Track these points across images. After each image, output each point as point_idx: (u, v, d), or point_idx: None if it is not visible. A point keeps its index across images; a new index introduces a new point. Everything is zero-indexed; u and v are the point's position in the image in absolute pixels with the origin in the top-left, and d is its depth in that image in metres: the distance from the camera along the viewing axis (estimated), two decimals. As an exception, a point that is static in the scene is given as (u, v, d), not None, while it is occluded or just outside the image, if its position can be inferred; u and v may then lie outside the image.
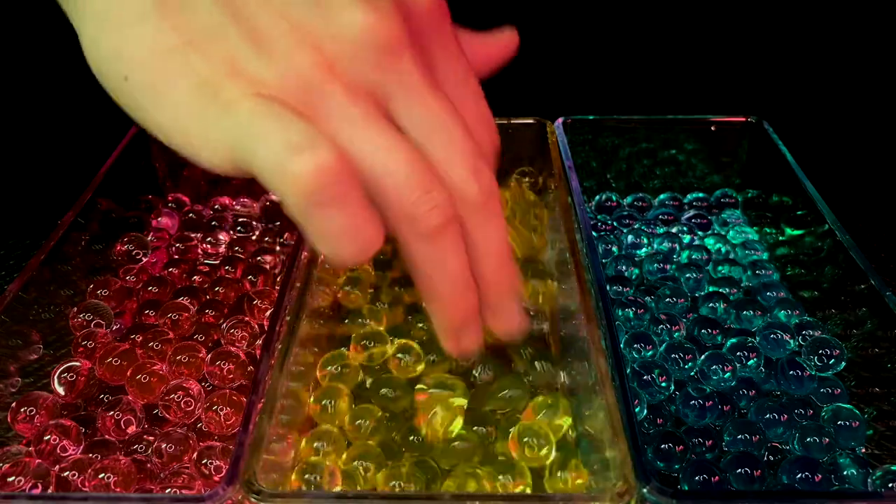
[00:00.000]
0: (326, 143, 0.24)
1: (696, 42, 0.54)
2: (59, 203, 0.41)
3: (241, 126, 0.24)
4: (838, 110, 0.55)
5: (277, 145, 0.24)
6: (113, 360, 0.36)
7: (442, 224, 0.26)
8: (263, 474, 0.27)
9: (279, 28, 0.25)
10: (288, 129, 0.24)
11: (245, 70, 0.25)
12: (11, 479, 0.31)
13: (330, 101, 0.25)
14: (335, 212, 0.24)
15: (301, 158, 0.23)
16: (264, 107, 0.24)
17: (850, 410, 0.34)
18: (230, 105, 0.24)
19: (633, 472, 0.27)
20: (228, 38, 0.25)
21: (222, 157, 0.25)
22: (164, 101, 0.25)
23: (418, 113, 0.26)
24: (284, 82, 0.25)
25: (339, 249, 0.25)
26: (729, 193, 0.48)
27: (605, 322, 0.33)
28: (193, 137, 0.25)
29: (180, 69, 0.25)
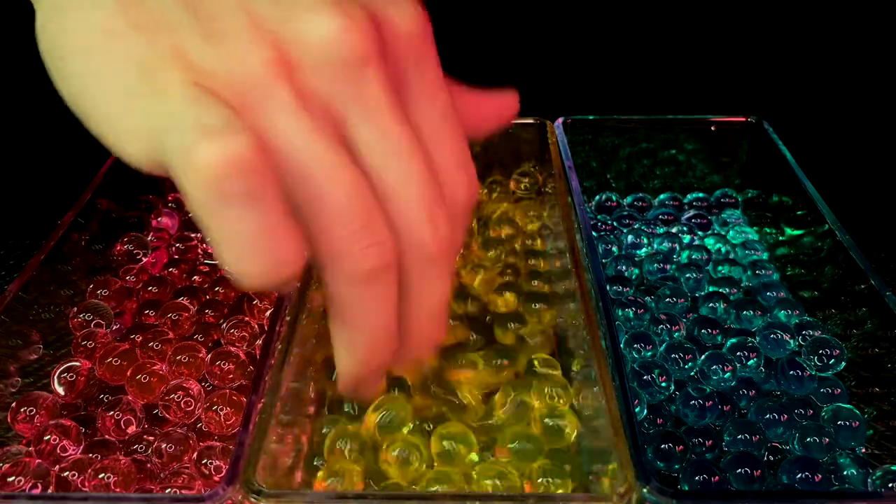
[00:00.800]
0: (245, 133, 0.21)
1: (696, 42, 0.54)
2: (59, 203, 0.41)
3: (164, 113, 0.21)
4: (838, 110, 0.55)
5: (189, 129, 0.21)
6: (113, 360, 0.36)
7: (380, 266, 0.23)
8: (263, 474, 0.27)
9: (237, 21, 0.22)
10: (205, 113, 0.21)
11: (189, 59, 0.22)
12: (11, 479, 0.31)
13: (273, 105, 0.22)
14: (242, 211, 0.20)
15: (210, 143, 0.20)
16: (194, 92, 0.21)
17: (850, 410, 0.34)
18: (161, 92, 0.22)
19: (633, 472, 0.27)
20: (180, 25, 0.23)
21: (141, 148, 0.22)
22: (97, 86, 0.23)
23: (374, 139, 0.23)
24: (229, 77, 0.22)
25: (244, 260, 0.21)
26: (729, 193, 0.48)
27: (605, 322, 0.33)
28: (118, 124, 0.23)
29: (119, 53, 0.22)
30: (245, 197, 0.20)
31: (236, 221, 0.21)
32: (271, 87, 0.22)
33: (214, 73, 0.22)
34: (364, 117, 0.23)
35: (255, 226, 0.21)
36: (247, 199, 0.20)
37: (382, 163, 0.23)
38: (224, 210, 0.20)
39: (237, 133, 0.20)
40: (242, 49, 0.22)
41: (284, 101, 0.22)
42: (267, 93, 0.22)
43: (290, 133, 0.22)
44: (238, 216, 0.20)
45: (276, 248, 0.21)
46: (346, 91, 0.23)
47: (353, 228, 0.22)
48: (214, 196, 0.20)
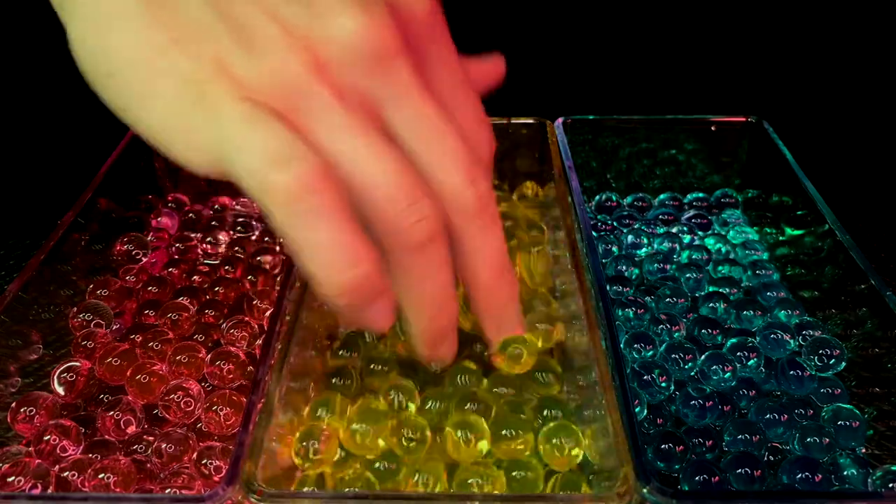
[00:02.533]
0: (309, 154, 0.23)
1: (696, 42, 0.54)
2: (59, 203, 0.41)
3: (225, 131, 0.24)
4: (838, 110, 0.55)
5: (258, 155, 0.23)
6: (113, 360, 0.36)
7: (428, 236, 0.26)
8: (263, 474, 0.27)
9: (270, 29, 0.24)
10: (270, 138, 0.23)
11: (232, 70, 0.24)
12: (11, 480, 0.31)
13: (317, 106, 0.24)
14: (318, 223, 0.23)
15: (281, 170, 0.23)
16: (248, 113, 0.24)
17: (850, 410, 0.34)
18: (215, 108, 0.24)
19: (633, 473, 0.27)
20: (217, 38, 0.24)
21: (205, 161, 0.25)
22: (148, 101, 0.25)
23: (411, 119, 0.26)
24: (272, 84, 0.24)
25: (326, 264, 0.24)
26: (729, 193, 0.48)
27: (606, 322, 0.33)
28: (177, 139, 0.25)
29: (166, 68, 0.24)
30: (317, 211, 0.23)
31: (312, 232, 0.23)
32: (312, 89, 0.24)
33: (258, 82, 0.24)
34: (399, 103, 0.26)
35: (329, 234, 0.24)
36: (319, 213, 0.23)
37: (421, 141, 0.26)
38: (300, 224, 0.23)
39: (303, 157, 0.23)
40: (279, 56, 0.24)
41: (327, 105, 0.24)
42: (310, 97, 0.24)
43: (335, 131, 0.24)
44: (313, 228, 0.23)
45: (350, 247, 0.24)
46: (379, 82, 0.25)
47: (401, 208, 0.25)
48: (291, 214, 0.23)
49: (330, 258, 0.24)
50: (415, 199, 0.25)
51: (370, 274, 0.25)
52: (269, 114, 0.24)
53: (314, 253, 0.24)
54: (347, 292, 0.25)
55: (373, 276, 0.25)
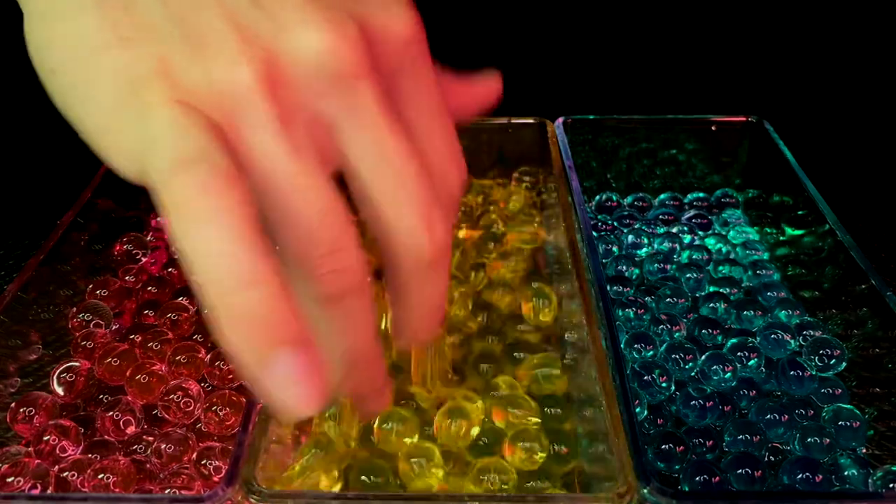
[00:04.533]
0: (218, 158, 0.21)
1: (696, 42, 0.54)
2: (58, 203, 0.41)
3: (147, 133, 0.22)
4: (838, 110, 0.55)
5: (167, 155, 0.21)
6: (112, 360, 0.36)
7: (341, 291, 0.23)
8: (263, 474, 0.27)
9: (225, 35, 0.22)
10: (183, 139, 0.21)
11: (176, 73, 0.22)
12: (11, 480, 0.31)
13: (257, 122, 0.22)
14: (210, 230, 0.20)
15: (184, 170, 0.20)
16: (175, 114, 0.21)
17: (850, 411, 0.34)
18: (145, 110, 0.22)
19: (633, 473, 0.27)
20: (167, 39, 0.22)
21: (131, 166, 0.23)
22: (87, 99, 0.23)
23: (367, 149, 0.24)
24: (213, 92, 0.22)
25: (214, 278, 0.21)
26: (729, 193, 0.48)
27: (606, 322, 0.33)
28: (109, 140, 0.23)
29: (107, 66, 0.23)
30: (213, 217, 0.20)
31: (203, 240, 0.20)
32: (254, 102, 0.22)
33: (199, 88, 0.22)
34: (356, 129, 0.23)
35: (221, 243, 0.20)
36: (214, 218, 0.20)
37: (375, 172, 0.24)
38: (192, 230, 0.21)
39: (209, 162, 0.21)
40: (228, 63, 0.22)
41: (266, 118, 0.22)
42: (250, 109, 0.22)
43: (267, 152, 0.22)
44: (205, 234, 0.20)
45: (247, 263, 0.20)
46: (337, 104, 0.23)
47: (320, 253, 0.22)
48: (184, 218, 0.21)
49: (221, 271, 0.20)
50: (336, 246, 0.23)
51: (271, 300, 0.21)
52: (196, 117, 0.22)
53: (204, 266, 0.20)
54: (243, 320, 0.20)
55: (276, 306, 0.21)
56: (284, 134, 0.22)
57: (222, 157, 0.21)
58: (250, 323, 0.20)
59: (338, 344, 0.25)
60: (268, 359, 0.20)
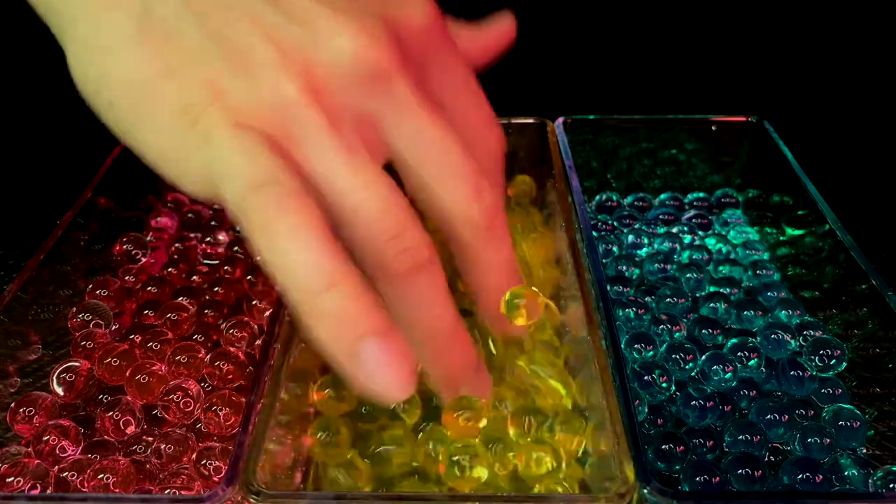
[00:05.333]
0: (286, 177, 0.23)
1: (696, 42, 0.54)
2: (58, 203, 0.41)
3: (214, 158, 0.24)
4: (838, 110, 0.55)
5: (239, 180, 0.23)
6: (112, 360, 0.36)
7: (412, 268, 0.25)
8: (263, 475, 0.27)
9: (265, 51, 0.24)
10: (251, 163, 0.23)
11: (226, 95, 0.24)
12: (10, 480, 0.31)
13: (310, 131, 0.24)
14: (291, 244, 0.22)
15: (257, 193, 0.23)
16: (237, 139, 0.23)
17: (851, 411, 0.34)
18: (206, 135, 0.24)
19: (633, 473, 0.27)
20: (211, 62, 0.24)
21: (199, 188, 0.25)
22: (146, 128, 0.25)
23: (411, 137, 0.26)
24: (265, 109, 0.24)
25: (302, 285, 0.23)
26: (729, 193, 0.48)
27: (606, 322, 0.33)
28: (174, 165, 0.25)
29: (162, 95, 0.24)
30: (292, 232, 0.22)
31: (286, 254, 0.22)
32: (303, 113, 0.24)
33: (251, 107, 0.24)
34: (398, 119, 0.25)
35: (302, 254, 0.22)
36: (294, 234, 0.22)
37: (423, 158, 0.26)
38: (275, 247, 0.23)
39: (279, 182, 0.23)
40: (273, 80, 0.24)
41: (317, 126, 0.24)
42: (302, 120, 0.24)
43: (323, 157, 0.24)
44: (287, 249, 0.22)
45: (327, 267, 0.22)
46: (377, 101, 0.25)
47: (386, 238, 0.24)
48: (266, 237, 0.23)
49: (304, 278, 0.22)
50: (399, 230, 0.24)
51: (352, 297, 0.23)
52: (257, 139, 0.23)
53: (288, 275, 0.23)
54: (329, 318, 0.22)
55: (357, 302, 0.23)
56: (336, 137, 0.24)
57: (290, 176, 0.23)
58: (337, 319, 0.22)
59: (419, 323, 0.26)
60: (356, 349, 0.22)
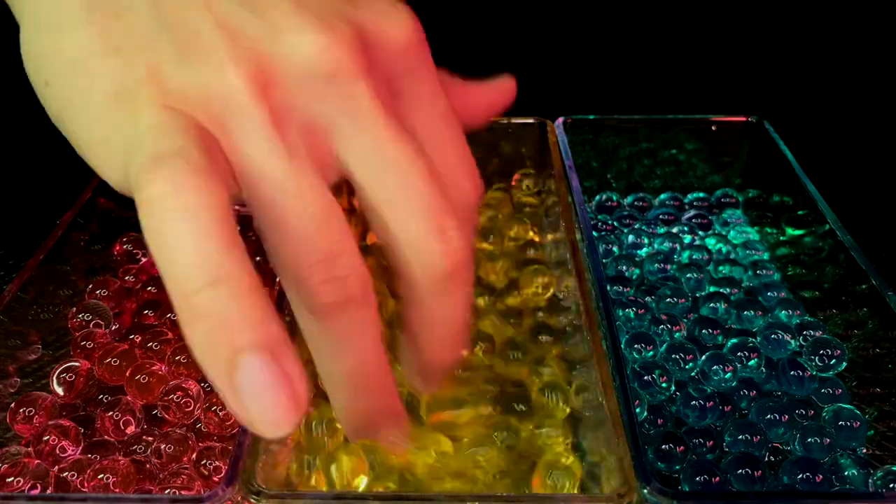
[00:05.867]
0: (192, 156, 0.20)
1: (696, 42, 0.54)
2: (58, 203, 0.41)
3: (133, 136, 0.21)
4: (839, 110, 0.55)
5: (144, 155, 0.20)
6: (112, 360, 0.36)
7: (340, 301, 0.21)
8: (263, 475, 0.27)
9: (217, 39, 0.22)
10: (162, 140, 0.20)
11: (165, 78, 0.22)
12: (10, 480, 0.31)
13: (248, 125, 0.21)
14: (179, 226, 0.19)
15: (157, 167, 0.20)
16: (161, 119, 0.21)
17: (851, 411, 0.34)
18: (134, 115, 0.21)
19: (633, 473, 0.27)
20: (158, 45, 0.22)
21: (118, 175, 0.22)
22: (78, 109, 0.23)
23: (368, 151, 0.22)
24: (203, 95, 0.21)
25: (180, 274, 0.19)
26: (730, 193, 0.48)
27: (606, 322, 0.33)
28: (98, 148, 0.23)
29: (100, 76, 0.22)
30: (183, 213, 0.19)
31: (172, 236, 0.19)
32: (244, 105, 0.21)
33: (188, 92, 0.21)
34: (355, 130, 0.22)
35: (188, 239, 0.19)
36: (185, 215, 0.19)
37: (378, 175, 0.22)
38: (161, 227, 0.20)
39: (183, 158, 0.20)
40: (217, 67, 0.21)
41: (257, 121, 0.21)
42: (241, 112, 0.21)
43: (258, 155, 0.21)
44: (174, 231, 0.19)
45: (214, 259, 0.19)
46: (333, 106, 0.22)
47: (315, 259, 0.21)
48: (155, 215, 0.20)
49: (184, 268, 0.19)
50: (331, 253, 0.21)
51: (237, 298, 0.19)
52: (181, 121, 0.21)
53: (168, 262, 0.19)
54: (206, 321, 0.19)
55: (242, 306, 0.19)
56: (276, 137, 0.21)
57: (199, 154, 0.20)
58: (215, 323, 0.19)
59: (340, 363, 0.23)
60: (234, 364, 0.19)
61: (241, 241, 0.20)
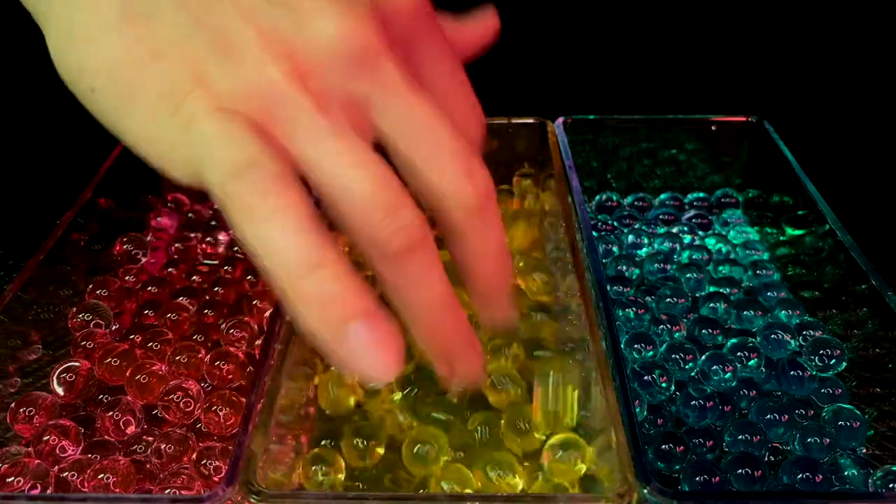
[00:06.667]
0: (269, 161, 0.23)
1: (696, 42, 0.54)
2: (59, 203, 0.41)
3: (197, 144, 0.23)
4: (838, 110, 0.55)
5: (221, 166, 0.23)
6: (112, 360, 0.36)
7: (407, 245, 0.24)
8: (263, 475, 0.27)
9: (248, 36, 0.24)
10: (233, 148, 0.23)
11: (210, 80, 0.24)
12: (11, 480, 0.31)
13: (296, 114, 0.24)
14: (273, 226, 0.22)
15: (239, 178, 0.22)
16: (220, 124, 0.23)
17: (850, 411, 0.34)
18: (189, 121, 0.24)
19: (633, 473, 0.27)
20: (194, 47, 0.24)
21: (185, 174, 0.25)
22: (129, 114, 0.24)
23: (400, 119, 0.25)
24: (249, 93, 0.24)
25: (284, 265, 0.23)
26: (729, 193, 0.48)
27: (606, 322, 0.33)
28: (158, 151, 0.25)
29: (144, 80, 0.24)
30: (274, 215, 0.22)
31: (268, 237, 0.22)
32: (289, 96, 0.24)
33: (235, 92, 0.24)
34: (387, 100, 0.25)
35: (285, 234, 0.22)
36: (275, 216, 0.22)
37: (413, 139, 0.25)
38: (257, 231, 0.23)
39: (261, 166, 0.23)
40: (257, 65, 0.24)
41: (304, 108, 0.24)
42: (287, 103, 0.24)
43: (311, 140, 0.24)
44: (269, 231, 0.22)
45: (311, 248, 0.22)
46: (364, 83, 0.24)
47: (380, 217, 0.24)
48: (248, 221, 0.23)
49: (287, 261, 0.22)
50: (393, 208, 0.24)
51: (337, 279, 0.23)
52: (240, 124, 0.23)
53: (272, 259, 0.23)
54: (314, 301, 0.23)
55: (342, 285, 0.23)
56: (324, 119, 0.24)
57: (273, 160, 0.23)
58: (322, 302, 0.23)
59: (414, 300, 0.26)
60: (343, 332, 0.22)
61: (328, 229, 0.23)
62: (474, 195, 0.26)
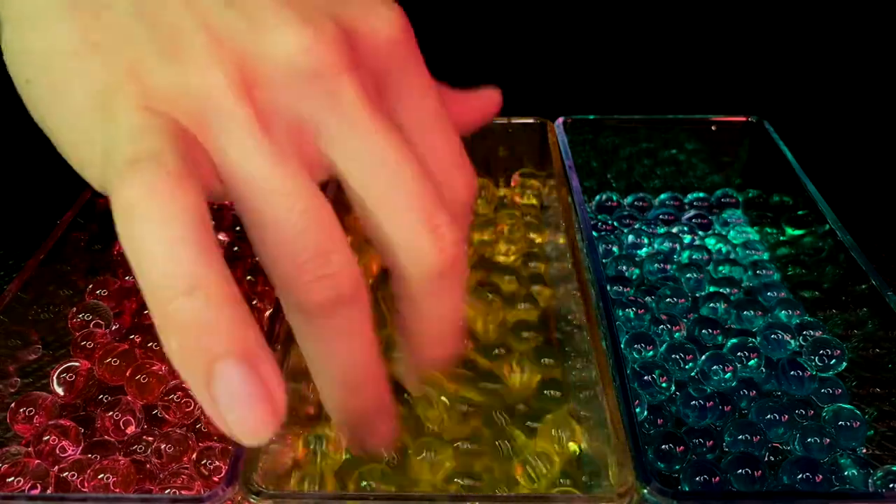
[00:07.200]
0: (169, 162, 0.19)
1: (696, 42, 0.54)
2: (58, 203, 0.41)
3: (110, 138, 0.21)
4: (839, 110, 0.55)
5: (119, 160, 0.20)
6: (112, 360, 0.36)
7: (331, 299, 0.21)
8: (263, 474, 0.27)
9: (198, 37, 0.21)
10: (139, 139, 0.20)
11: (145, 76, 0.21)
12: (10, 480, 0.31)
13: (231, 126, 0.21)
14: (154, 232, 0.19)
15: (132, 174, 0.19)
16: (139, 120, 0.20)
17: (850, 411, 0.34)
18: (113, 115, 0.21)
19: (633, 473, 0.27)
20: (139, 43, 0.21)
21: (96, 175, 0.22)
22: (58, 108, 0.22)
23: (357, 151, 0.22)
24: (185, 96, 0.21)
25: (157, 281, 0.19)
26: (729, 193, 0.48)
27: (606, 322, 0.33)
28: (79, 148, 0.22)
29: (81, 74, 0.22)
30: (158, 219, 0.19)
31: (148, 242, 0.19)
32: (227, 105, 0.21)
33: (169, 92, 0.21)
34: (341, 128, 0.22)
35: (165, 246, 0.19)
36: (159, 221, 0.19)
37: (367, 172, 0.22)
38: (136, 233, 0.19)
39: (159, 164, 0.19)
40: (201, 67, 0.21)
41: (240, 121, 0.21)
42: (224, 113, 0.21)
43: (242, 155, 0.21)
44: (150, 237, 0.19)
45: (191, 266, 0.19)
46: (319, 104, 0.22)
47: (304, 258, 0.21)
48: (129, 222, 0.20)
49: (161, 275, 0.19)
50: (322, 251, 0.21)
51: (214, 306, 0.19)
52: (158, 122, 0.20)
53: (144, 269, 0.19)
54: (183, 329, 0.18)
55: (220, 314, 0.19)
56: (260, 136, 0.21)
57: (175, 158, 0.20)
58: (193, 331, 0.18)
59: (328, 363, 0.23)
60: (212, 372, 0.18)
61: (219, 248, 0.20)
62: (436, 258, 0.22)
